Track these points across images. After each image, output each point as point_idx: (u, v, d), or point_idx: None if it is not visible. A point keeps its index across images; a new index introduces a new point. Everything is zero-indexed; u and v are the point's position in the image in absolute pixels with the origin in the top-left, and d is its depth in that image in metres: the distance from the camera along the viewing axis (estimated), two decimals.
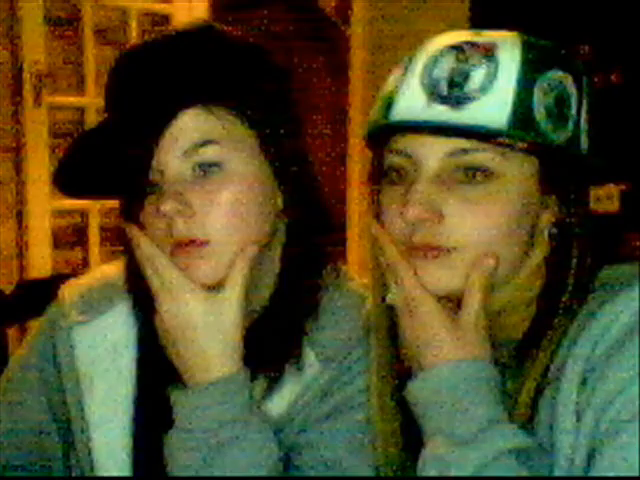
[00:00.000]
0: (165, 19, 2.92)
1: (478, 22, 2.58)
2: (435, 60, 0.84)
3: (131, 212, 0.94)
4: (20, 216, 2.64)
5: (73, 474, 1.04)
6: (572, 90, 0.85)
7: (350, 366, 0.96)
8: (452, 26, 0.96)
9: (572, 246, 0.86)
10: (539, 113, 0.82)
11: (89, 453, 1.01)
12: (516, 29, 0.87)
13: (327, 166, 3.65)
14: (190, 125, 0.89)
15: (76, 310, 1.05)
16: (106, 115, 0.94)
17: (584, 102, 0.86)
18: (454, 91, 0.82)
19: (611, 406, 0.77)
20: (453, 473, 0.79)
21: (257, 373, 0.94)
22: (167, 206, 0.88)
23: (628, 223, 2.51)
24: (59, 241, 2.78)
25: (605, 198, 2.58)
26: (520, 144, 0.82)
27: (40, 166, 2.60)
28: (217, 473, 0.86)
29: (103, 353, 1.02)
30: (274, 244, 0.98)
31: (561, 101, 0.84)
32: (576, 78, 0.85)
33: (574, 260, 0.86)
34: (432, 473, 0.81)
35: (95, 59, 2.74)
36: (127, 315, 1.03)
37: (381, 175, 0.89)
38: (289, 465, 0.93)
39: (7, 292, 1.86)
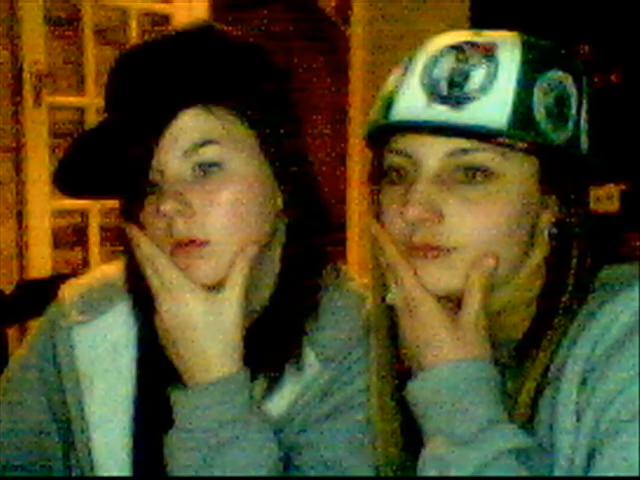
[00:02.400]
0: (165, 19, 2.93)
1: (478, 22, 2.59)
2: (435, 60, 0.84)
3: (131, 212, 0.94)
4: (20, 216, 2.64)
5: (73, 474, 1.04)
6: (572, 90, 0.85)
7: (350, 366, 0.96)
8: (452, 26, 0.96)
9: (572, 246, 0.86)
10: (539, 113, 0.82)
11: (89, 453, 1.01)
12: (516, 29, 0.87)
13: (327, 166, 3.65)
14: (190, 125, 0.89)
15: (76, 310, 1.05)
16: (106, 115, 0.94)
17: (584, 102, 0.86)
18: (454, 91, 0.82)
19: (611, 406, 0.77)
20: (453, 473, 0.79)
21: (257, 373, 0.94)
22: (167, 206, 0.88)
23: (628, 223, 2.51)
24: (59, 241, 2.78)
25: (605, 198, 2.58)
26: (520, 144, 0.82)
27: (40, 166, 2.60)
28: (217, 473, 0.87)
29: (103, 353, 1.02)
30: (274, 244, 0.98)
31: (561, 101, 0.84)
32: (576, 78, 0.85)
33: (574, 260, 0.86)
34: (432, 473, 0.81)
35: (95, 59, 2.74)
36: (127, 315, 1.03)
37: (381, 175, 0.89)
38: (289, 465, 0.93)
39: (7, 292, 1.86)
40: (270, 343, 0.96)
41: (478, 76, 0.82)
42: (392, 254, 0.85)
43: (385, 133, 0.88)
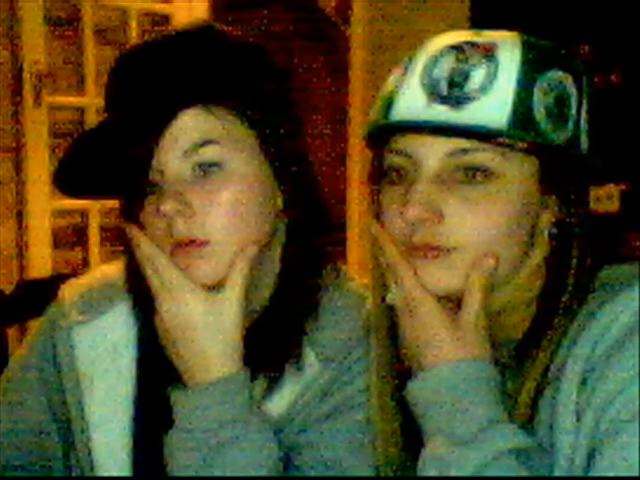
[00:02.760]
0: (165, 19, 2.93)
1: (478, 22, 2.59)
2: (435, 60, 0.84)
3: (131, 212, 0.94)
4: (20, 216, 2.64)
5: (73, 474, 1.04)
6: (572, 90, 0.85)
7: (350, 366, 0.96)
8: (452, 26, 0.96)
9: (572, 246, 0.86)
10: (539, 113, 0.82)
11: (89, 453, 1.01)
12: (516, 29, 0.87)
13: (327, 166, 3.65)
14: (190, 125, 0.89)
15: (76, 310, 1.05)
16: (106, 115, 0.94)
17: (584, 102, 0.86)
18: (454, 91, 0.82)
19: (611, 406, 0.77)
20: (453, 473, 0.79)
21: (257, 373, 0.94)
22: (167, 206, 0.88)
23: (628, 223, 2.51)
24: (59, 241, 2.78)
25: (605, 198, 2.58)
26: (520, 144, 0.82)
27: (40, 166, 2.60)
28: (217, 473, 0.87)
29: (103, 353, 1.02)
30: (274, 244, 0.98)
31: (561, 101, 0.84)
32: (576, 78, 0.85)
33: (574, 260, 0.86)
34: (432, 473, 0.81)
35: (95, 59, 2.74)
36: (127, 315, 1.03)
37: (381, 175, 0.89)
38: (289, 465, 0.93)
39: (7, 292, 1.86)
40: (270, 343, 0.96)
41: (478, 76, 0.82)
42: (392, 254, 0.85)
43: (385, 133, 0.88)
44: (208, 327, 0.89)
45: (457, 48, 0.84)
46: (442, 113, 0.82)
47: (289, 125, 0.97)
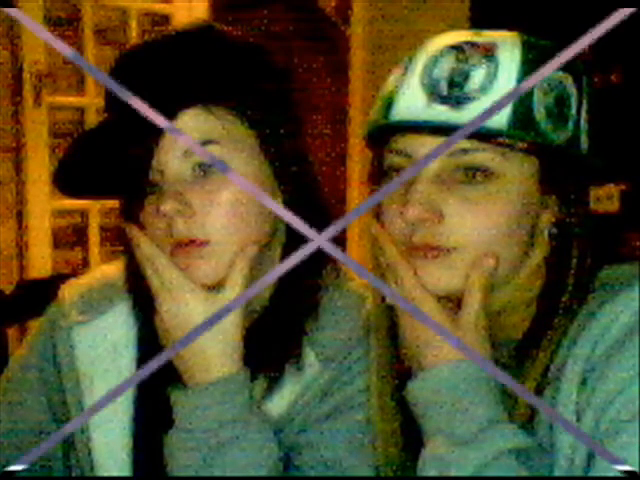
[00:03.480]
0: (165, 19, 2.93)
1: (478, 22, 2.58)
2: (435, 60, 0.84)
3: (131, 212, 0.94)
4: (20, 216, 2.64)
5: (73, 474, 1.04)
6: (572, 90, 0.85)
7: (350, 366, 0.96)
8: (452, 26, 0.96)
9: (572, 246, 0.86)
10: (539, 113, 0.82)
11: (89, 453, 1.01)
12: (516, 29, 0.87)
13: (327, 166, 3.65)
14: (190, 125, 0.89)
15: (76, 310, 1.05)
16: (106, 115, 0.94)
17: (584, 102, 0.86)
18: (454, 91, 0.82)
19: (611, 406, 0.77)
20: (453, 473, 0.79)
21: (257, 373, 0.94)
22: (167, 206, 0.88)
23: (628, 223, 2.51)
24: (59, 241, 2.78)
25: (605, 198, 2.58)
26: (520, 144, 0.82)
27: (40, 166, 2.60)
28: (217, 473, 0.87)
29: (103, 353, 1.03)
30: (274, 244, 0.98)
31: (561, 101, 0.84)
32: (576, 78, 0.85)
33: (574, 260, 0.86)
34: (432, 473, 0.81)
35: (95, 59, 2.74)
36: (127, 315, 1.03)
37: (381, 175, 0.89)
38: (289, 465, 0.93)
39: (7, 292, 1.86)
40: (270, 343, 0.96)
41: (478, 76, 0.82)
42: (392, 254, 0.85)
43: (385, 133, 0.88)
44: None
45: (457, 48, 0.84)
46: (442, 113, 0.82)
47: (289, 125, 0.97)
